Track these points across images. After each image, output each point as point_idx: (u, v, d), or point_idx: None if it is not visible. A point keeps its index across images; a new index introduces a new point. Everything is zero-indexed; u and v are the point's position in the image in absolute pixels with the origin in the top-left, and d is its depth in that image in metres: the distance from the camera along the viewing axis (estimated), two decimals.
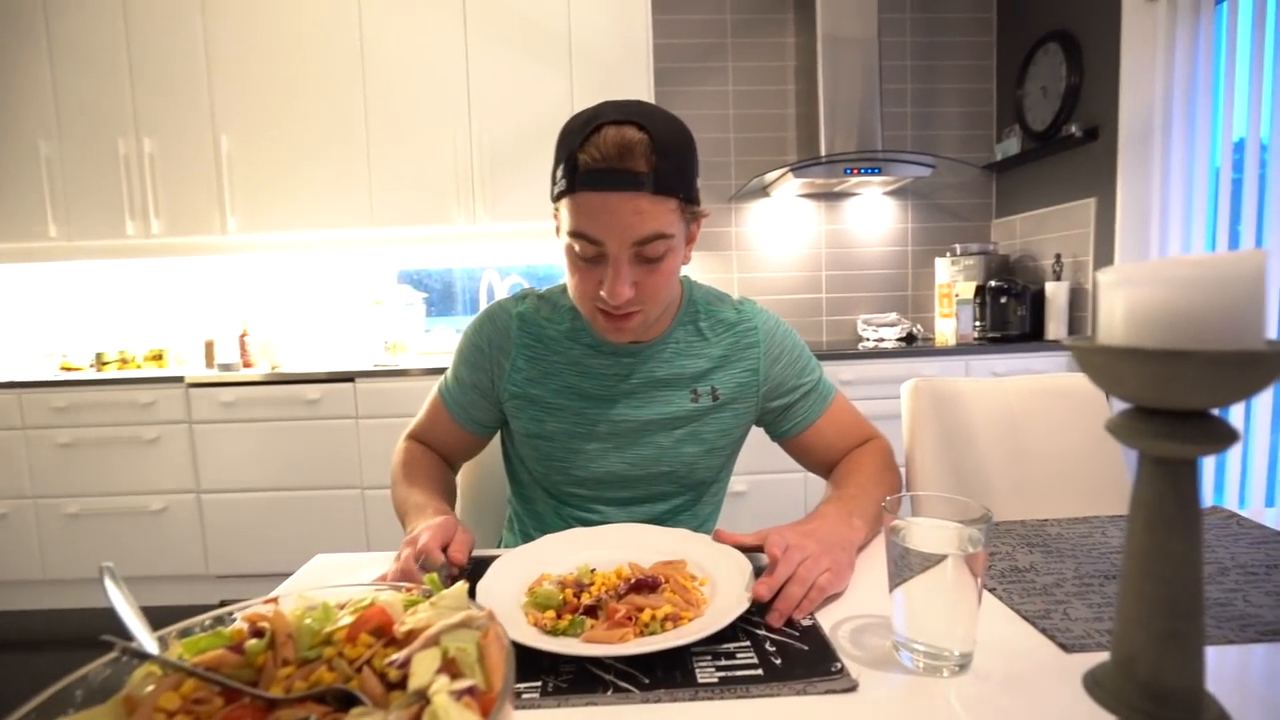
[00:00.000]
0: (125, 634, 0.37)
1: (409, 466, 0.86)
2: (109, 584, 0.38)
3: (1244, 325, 0.28)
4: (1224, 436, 0.29)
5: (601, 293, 0.72)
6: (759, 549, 0.64)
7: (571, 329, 0.85)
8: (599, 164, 0.67)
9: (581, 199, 0.69)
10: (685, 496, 0.89)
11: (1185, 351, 0.27)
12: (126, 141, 2.31)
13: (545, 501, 0.90)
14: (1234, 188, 1.90)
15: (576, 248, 0.72)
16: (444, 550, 0.63)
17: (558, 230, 0.77)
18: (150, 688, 0.34)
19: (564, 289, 0.87)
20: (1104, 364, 0.30)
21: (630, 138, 0.67)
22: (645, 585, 0.56)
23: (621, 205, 0.68)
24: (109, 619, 0.35)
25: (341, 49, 2.32)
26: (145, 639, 0.37)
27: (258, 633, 0.39)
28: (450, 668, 0.33)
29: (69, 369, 2.46)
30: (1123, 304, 0.31)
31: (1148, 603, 0.31)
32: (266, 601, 0.41)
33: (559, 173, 0.71)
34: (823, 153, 2.49)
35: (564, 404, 0.84)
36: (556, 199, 0.73)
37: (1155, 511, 0.31)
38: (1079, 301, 2.36)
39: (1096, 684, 0.34)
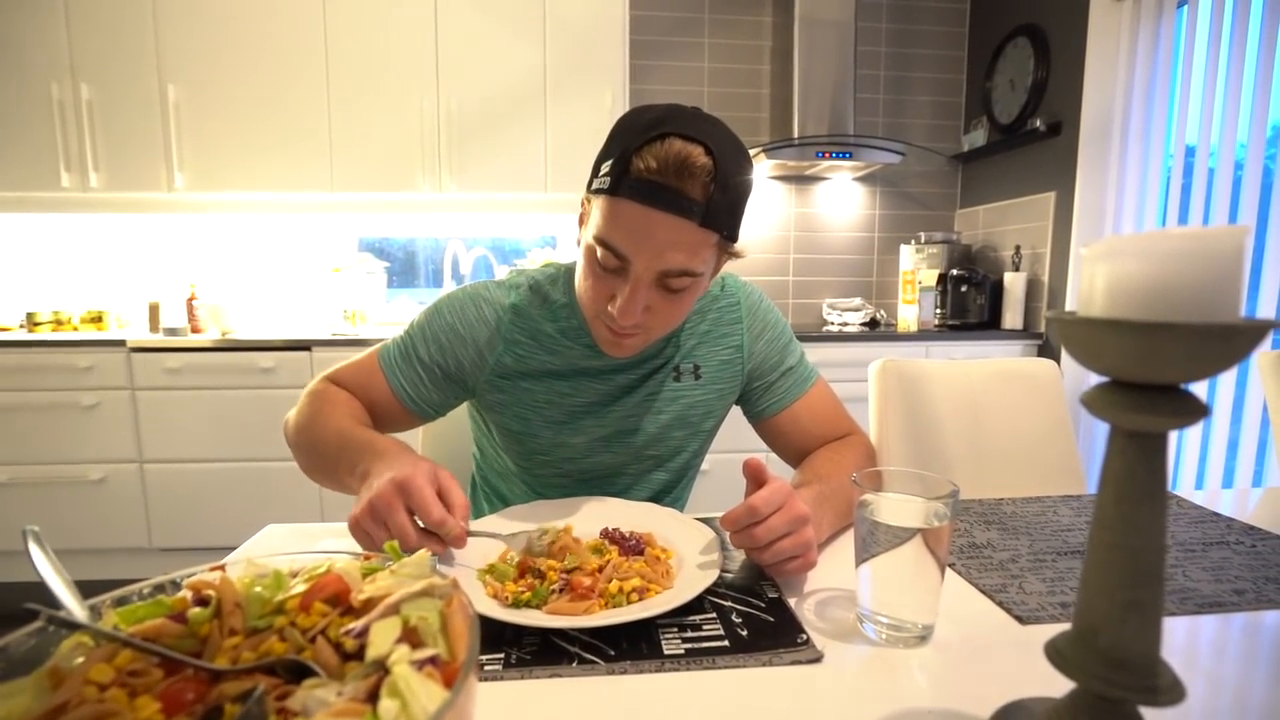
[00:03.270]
0: (53, 603, 0.34)
1: (343, 405, 0.75)
2: (33, 548, 0.35)
3: (1224, 300, 0.28)
4: (1195, 410, 0.30)
5: (610, 308, 0.67)
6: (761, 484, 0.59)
7: (567, 327, 0.79)
8: (652, 175, 0.61)
9: (622, 206, 0.63)
10: (668, 480, 0.87)
11: (1169, 324, 0.27)
12: (61, 86, 2.15)
13: (520, 491, 0.87)
14: (1183, 194, 1.97)
15: (598, 254, 0.66)
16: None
17: (581, 220, 0.71)
18: (80, 659, 0.32)
19: (553, 280, 0.81)
20: (1085, 337, 0.30)
21: (695, 160, 0.61)
22: (631, 548, 0.55)
23: (661, 228, 0.62)
24: (40, 592, 0.31)
25: None
26: (74, 607, 0.34)
27: (202, 601, 0.36)
28: (411, 637, 0.31)
29: None
30: (1104, 277, 0.31)
31: (1113, 572, 0.32)
32: (213, 569, 0.39)
33: (605, 167, 0.64)
34: (795, 135, 2.48)
35: (553, 400, 0.79)
36: (594, 193, 0.66)
37: (1125, 484, 0.32)
38: (1035, 292, 2.44)
39: (1057, 652, 0.34)
